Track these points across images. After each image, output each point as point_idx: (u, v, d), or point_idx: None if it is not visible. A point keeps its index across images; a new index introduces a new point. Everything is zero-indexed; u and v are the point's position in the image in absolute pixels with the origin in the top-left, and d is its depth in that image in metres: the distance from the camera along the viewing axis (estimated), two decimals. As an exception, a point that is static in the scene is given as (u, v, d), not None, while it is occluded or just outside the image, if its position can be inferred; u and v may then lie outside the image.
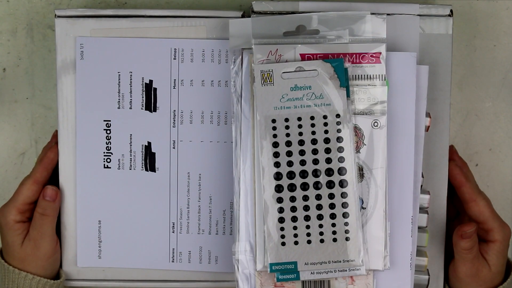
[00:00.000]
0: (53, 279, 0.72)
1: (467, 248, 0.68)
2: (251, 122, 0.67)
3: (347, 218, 0.66)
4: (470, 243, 0.68)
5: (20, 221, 0.71)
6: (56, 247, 0.72)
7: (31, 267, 0.71)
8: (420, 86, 0.67)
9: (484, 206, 0.70)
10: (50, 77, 0.78)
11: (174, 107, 0.72)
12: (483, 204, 0.70)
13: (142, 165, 0.72)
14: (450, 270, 0.71)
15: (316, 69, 0.66)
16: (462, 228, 0.68)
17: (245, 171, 0.67)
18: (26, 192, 0.71)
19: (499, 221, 0.70)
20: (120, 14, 0.71)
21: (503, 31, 0.77)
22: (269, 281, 0.66)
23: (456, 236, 0.69)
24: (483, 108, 0.77)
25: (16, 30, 0.77)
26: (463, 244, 0.68)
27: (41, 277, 0.71)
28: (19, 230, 0.71)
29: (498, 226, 0.69)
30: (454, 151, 0.73)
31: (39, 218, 0.71)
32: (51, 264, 0.72)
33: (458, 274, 0.70)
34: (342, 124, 0.66)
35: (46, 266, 0.72)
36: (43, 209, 0.71)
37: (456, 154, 0.73)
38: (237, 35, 0.67)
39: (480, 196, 0.70)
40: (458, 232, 0.68)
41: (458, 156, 0.74)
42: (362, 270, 0.66)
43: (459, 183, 0.71)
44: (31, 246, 0.71)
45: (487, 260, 0.70)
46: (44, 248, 0.71)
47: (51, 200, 0.71)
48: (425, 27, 0.70)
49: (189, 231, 0.73)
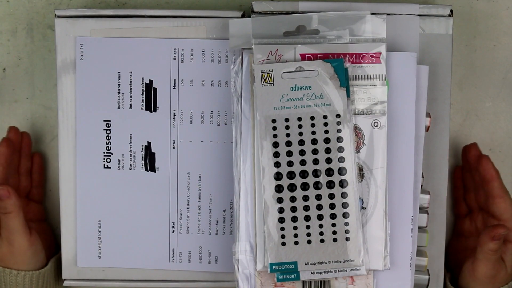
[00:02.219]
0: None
1: (495, 250, 0.67)
2: (251, 122, 0.67)
3: (347, 218, 0.66)
4: (498, 245, 0.67)
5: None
6: (30, 239, 0.71)
7: (12, 264, 0.71)
8: (420, 86, 0.67)
9: (510, 204, 0.69)
10: (50, 77, 0.78)
11: (174, 107, 0.72)
12: (510, 202, 0.69)
13: (142, 165, 0.72)
14: (467, 270, 0.70)
15: (316, 69, 0.66)
16: (494, 229, 0.67)
17: (245, 171, 0.67)
18: None
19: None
20: (120, 14, 0.71)
21: (503, 31, 0.77)
22: (269, 281, 0.66)
23: (487, 236, 0.67)
24: (483, 108, 0.77)
25: (16, 30, 0.77)
26: (492, 245, 0.67)
27: (25, 271, 0.71)
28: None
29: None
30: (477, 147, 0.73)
31: (3, 217, 0.70)
32: (31, 257, 0.72)
33: (477, 274, 0.69)
34: (342, 124, 0.66)
35: (26, 260, 0.71)
36: (3, 208, 0.70)
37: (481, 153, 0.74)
38: (237, 35, 0.67)
39: (508, 194, 0.70)
40: (489, 233, 0.67)
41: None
42: (362, 270, 0.66)
43: (490, 177, 0.70)
44: (5, 245, 0.71)
45: (505, 261, 0.70)
46: (18, 243, 0.71)
47: (6, 198, 0.70)
48: (425, 27, 0.70)
49: (189, 231, 0.73)
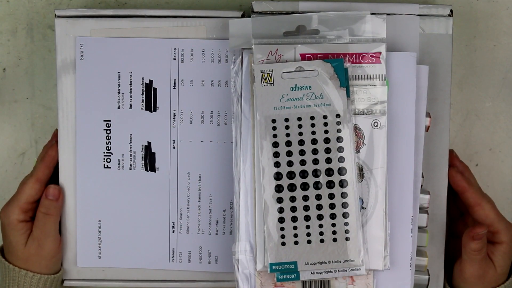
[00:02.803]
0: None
1: (477, 250, 0.68)
2: (251, 122, 0.67)
3: (347, 218, 0.66)
4: (480, 245, 0.68)
5: (23, 220, 0.71)
6: (59, 246, 0.72)
7: (35, 267, 0.71)
8: (420, 86, 0.67)
9: (489, 209, 0.69)
10: (50, 77, 0.78)
11: (174, 107, 0.72)
12: (488, 208, 0.69)
13: (142, 165, 0.72)
14: (456, 270, 0.71)
15: (316, 69, 0.66)
16: (473, 230, 0.68)
17: (245, 171, 0.67)
18: (29, 191, 0.71)
19: (505, 222, 0.70)
20: (120, 14, 0.71)
21: (503, 31, 0.77)
22: (269, 281, 0.66)
23: (467, 237, 0.68)
24: (483, 108, 0.77)
25: (16, 30, 0.77)
26: (473, 245, 0.68)
27: (41, 275, 0.71)
28: (22, 229, 0.70)
29: (504, 228, 0.69)
30: (454, 156, 0.73)
31: (43, 218, 0.70)
32: (54, 263, 0.72)
33: (464, 274, 0.70)
34: (342, 124, 0.66)
35: (49, 265, 0.72)
36: (46, 208, 0.70)
37: (457, 159, 0.73)
38: (237, 35, 0.67)
39: (485, 199, 0.70)
40: (469, 233, 0.68)
41: (458, 160, 0.73)
42: (362, 270, 0.66)
43: (462, 189, 0.70)
44: (35, 245, 0.71)
45: (493, 262, 0.70)
46: (48, 247, 0.71)
47: (54, 199, 0.71)
48: (425, 27, 0.70)
49: (189, 231, 0.73)
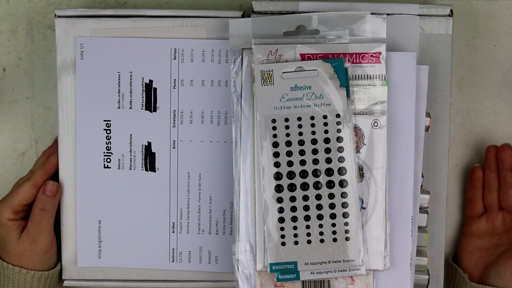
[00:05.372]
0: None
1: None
2: (251, 122, 0.67)
3: (347, 218, 0.66)
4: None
5: (13, 219, 0.71)
6: (53, 242, 0.72)
7: (29, 263, 0.71)
8: (420, 86, 0.67)
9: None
10: (50, 77, 0.78)
11: (174, 107, 0.72)
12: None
13: (142, 165, 0.72)
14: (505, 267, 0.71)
15: (316, 69, 0.66)
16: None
17: (245, 171, 0.67)
18: (24, 194, 0.71)
19: None
20: (120, 14, 0.71)
21: (503, 31, 0.77)
22: (269, 281, 0.66)
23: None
24: (483, 108, 0.77)
25: (16, 30, 0.77)
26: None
27: (35, 271, 0.71)
28: (13, 226, 0.70)
29: None
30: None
31: (39, 213, 0.70)
32: (48, 258, 0.72)
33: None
34: (342, 124, 0.66)
35: (43, 260, 0.72)
36: (43, 204, 0.70)
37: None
38: (237, 35, 0.67)
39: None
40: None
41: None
42: (362, 270, 0.66)
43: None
44: (29, 240, 0.71)
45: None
46: (42, 242, 0.71)
47: (52, 195, 0.71)
48: (425, 27, 0.70)
49: (189, 231, 0.73)
